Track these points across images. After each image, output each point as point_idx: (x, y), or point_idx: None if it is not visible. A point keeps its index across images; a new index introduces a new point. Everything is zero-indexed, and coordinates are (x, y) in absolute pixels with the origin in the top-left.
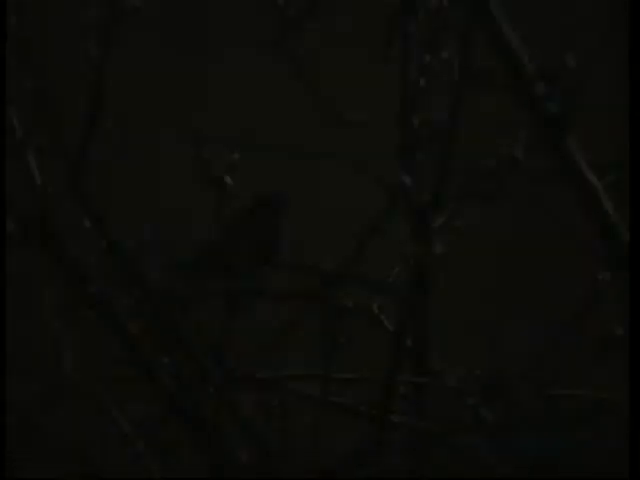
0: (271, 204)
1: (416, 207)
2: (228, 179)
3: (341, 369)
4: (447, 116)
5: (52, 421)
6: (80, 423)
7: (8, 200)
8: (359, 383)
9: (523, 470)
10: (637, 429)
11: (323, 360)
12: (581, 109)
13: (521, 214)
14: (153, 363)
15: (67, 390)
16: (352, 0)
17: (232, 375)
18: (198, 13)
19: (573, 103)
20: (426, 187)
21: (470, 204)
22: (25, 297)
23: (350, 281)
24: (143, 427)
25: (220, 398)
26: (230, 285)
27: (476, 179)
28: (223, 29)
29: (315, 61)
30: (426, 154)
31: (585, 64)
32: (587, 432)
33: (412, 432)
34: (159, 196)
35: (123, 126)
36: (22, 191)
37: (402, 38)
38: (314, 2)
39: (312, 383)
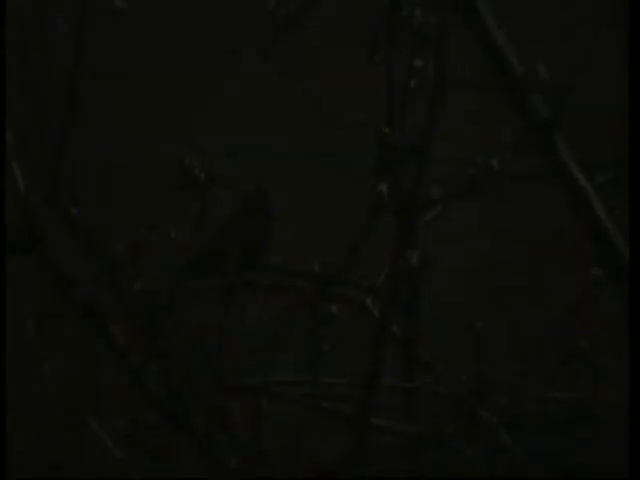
0: (261, 205)
1: (398, 211)
2: (219, 181)
3: (335, 373)
4: (425, 119)
5: (35, 429)
6: (62, 432)
7: None
8: (350, 387)
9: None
10: (637, 429)
11: (311, 365)
12: (572, 109)
13: (512, 215)
14: (141, 370)
15: (48, 399)
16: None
17: (222, 381)
18: (198, 13)
19: (563, 105)
20: (409, 190)
21: (451, 207)
22: (8, 305)
23: (339, 285)
24: (132, 435)
25: (210, 405)
26: (220, 288)
27: (457, 183)
28: (222, 29)
29: (315, 61)
30: (408, 158)
31: (577, 64)
32: (585, 432)
33: (402, 436)
34: (150, 198)
35: (117, 127)
36: (6, 197)
37: (388, 40)
38: (310, 2)
39: (302, 388)
